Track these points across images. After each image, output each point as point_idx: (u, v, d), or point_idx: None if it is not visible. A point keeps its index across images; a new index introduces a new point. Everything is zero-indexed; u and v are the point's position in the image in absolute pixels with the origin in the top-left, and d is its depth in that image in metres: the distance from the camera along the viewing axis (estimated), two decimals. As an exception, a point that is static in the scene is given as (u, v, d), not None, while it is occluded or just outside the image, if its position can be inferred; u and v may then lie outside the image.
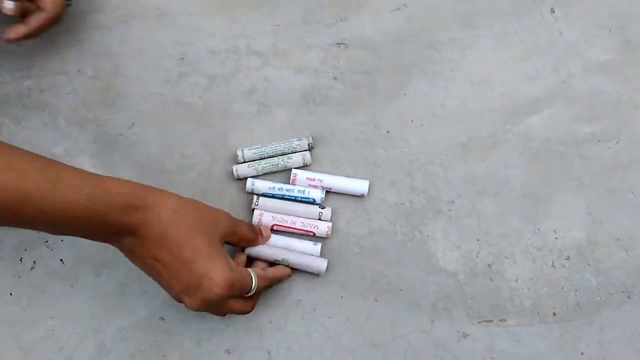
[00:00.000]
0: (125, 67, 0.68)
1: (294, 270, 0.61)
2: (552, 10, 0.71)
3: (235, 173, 0.64)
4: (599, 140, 0.67)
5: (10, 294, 0.61)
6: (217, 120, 0.67)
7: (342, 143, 0.66)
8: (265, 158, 0.64)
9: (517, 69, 0.69)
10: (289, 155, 0.64)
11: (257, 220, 0.62)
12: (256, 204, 0.62)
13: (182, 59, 0.69)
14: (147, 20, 0.70)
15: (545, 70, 0.69)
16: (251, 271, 0.55)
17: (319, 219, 0.62)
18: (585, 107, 0.68)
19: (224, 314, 0.57)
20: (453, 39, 0.70)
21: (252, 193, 0.63)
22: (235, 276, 0.53)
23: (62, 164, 0.50)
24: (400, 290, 0.62)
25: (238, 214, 0.64)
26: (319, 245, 0.61)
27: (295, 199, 0.63)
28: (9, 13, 0.61)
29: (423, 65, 0.69)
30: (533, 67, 0.69)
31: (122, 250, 0.53)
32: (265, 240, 0.60)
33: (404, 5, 0.71)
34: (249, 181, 0.63)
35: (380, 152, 0.66)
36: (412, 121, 0.67)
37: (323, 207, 0.62)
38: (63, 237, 0.62)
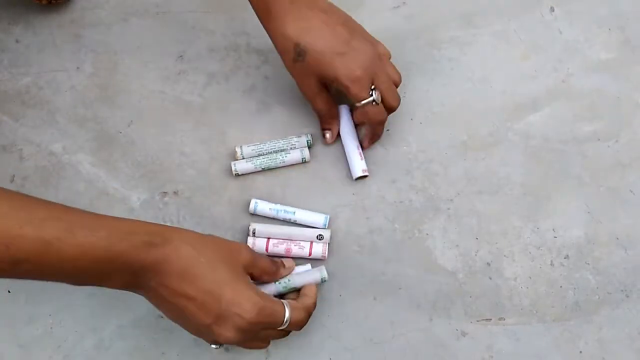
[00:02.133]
0: (124, 64, 0.68)
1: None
2: (552, 9, 0.71)
3: (233, 169, 0.63)
4: (599, 139, 0.67)
5: (9, 291, 0.61)
6: (216, 118, 0.66)
7: (341, 141, 0.66)
8: (264, 154, 0.64)
9: (517, 68, 0.69)
10: (287, 150, 0.64)
11: (250, 244, 0.62)
12: (253, 231, 0.62)
13: (181, 56, 0.68)
14: (147, 18, 0.70)
15: (545, 68, 0.69)
16: (283, 301, 0.54)
17: (318, 239, 0.62)
18: (585, 105, 0.68)
19: (265, 344, 0.56)
20: (453, 37, 0.70)
21: (254, 214, 0.63)
22: (265, 303, 0.52)
23: (77, 209, 0.49)
24: (400, 288, 0.62)
25: (236, 211, 0.63)
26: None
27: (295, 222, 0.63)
28: None
29: (423, 63, 0.69)
30: (533, 66, 0.69)
31: (147, 295, 0.52)
32: (288, 271, 0.59)
33: (404, 3, 0.71)
34: (252, 202, 0.63)
35: (379, 150, 0.66)
36: (411, 119, 0.67)
37: (322, 237, 0.62)
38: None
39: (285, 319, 0.53)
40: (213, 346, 0.55)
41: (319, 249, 0.61)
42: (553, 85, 0.68)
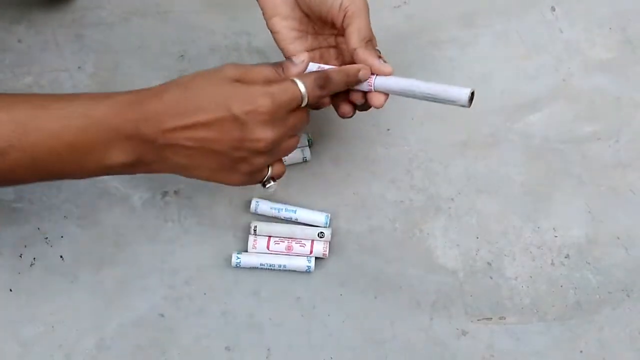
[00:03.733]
0: (125, 64, 0.68)
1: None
2: (553, 9, 0.71)
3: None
4: (599, 139, 0.67)
5: (10, 290, 0.61)
6: (217, 118, 0.66)
7: (341, 140, 0.66)
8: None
9: (518, 68, 0.69)
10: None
11: (251, 245, 0.62)
12: (254, 229, 0.62)
13: (182, 56, 0.69)
14: (148, 17, 0.70)
15: (545, 68, 0.69)
16: (291, 78, 0.50)
17: (319, 237, 0.62)
18: (585, 105, 0.68)
19: (293, 134, 0.51)
20: (453, 37, 0.70)
21: (255, 213, 0.63)
22: (273, 86, 0.48)
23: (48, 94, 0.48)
24: (400, 287, 0.62)
25: (236, 211, 0.64)
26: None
27: (296, 222, 0.63)
28: None
29: (423, 63, 0.69)
30: (533, 66, 0.69)
31: (163, 158, 0.48)
32: (298, 69, 0.52)
33: (405, 2, 0.71)
34: (253, 201, 0.63)
35: (380, 150, 0.66)
36: (412, 119, 0.67)
37: (322, 235, 0.62)
38: (63, 233, 0.62)
39: (302, 91, 0.49)
40: (267, 185, 0.53)
41: (319, 248, 0.61)
42: (553, 85, 0.68)
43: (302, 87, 0.49)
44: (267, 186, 0.53)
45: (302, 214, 0.63)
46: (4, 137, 0.44)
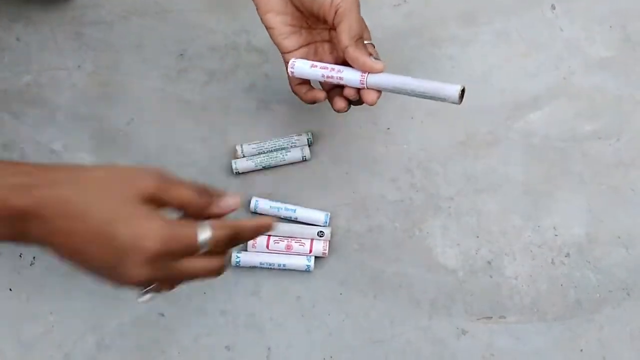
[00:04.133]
0: (124, 62, 0.68)
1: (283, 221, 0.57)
2: (553, 7, 0.71)
3: (234, 167, 0.63)
4: (600, 137, 0.67)
5: (10, 289, 0.61)
6: (216, 117, 0.66)
7: (341, 140, 0.66)
8: (264, 153, 0.64)
9: (518, 66, 0.69)
10: (288, 148, 0.64)
11: (251, 244, 0.61)
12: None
13: (181, 54, 0.68)
14: (147, 16, 0.70)
15: (545, 67, 0.69)
16: (200, 222, 0.45)
17: (319, 236, 0.62)
18: (585, 104, 0.68)
19: (179, 279, 0.47)
20: (453, 35, 0.70)
21: (254, 212, 0.63)
22: (172, 228, 0.43)
23: None
24: (400, 287, 0.62)
25: (237, 212, 0.63)
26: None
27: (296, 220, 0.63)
28: None
29: (423, 62, 0.69)
30: (533, 64, 0.69)
31: (42, 246, 0.45)
32: (226, 206, 0.48)
33: (405, 1, 0.71)
34: (253, 200, 0.63)
35: (379, 149, 0.66)
36: (412, 118, 0.67)
37: (322, 234, 0.62)
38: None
39: (200, 240, 0.44)
40: (139, 299, 0.47)
41: (319, 247, 0.61)
42: (554, 83, 0.68)
43: (203, 235, 0.45)
44: (141, 296, 0.47)
45: (302, 213, 0.62)
46: None
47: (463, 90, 0.53)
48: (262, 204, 0.62)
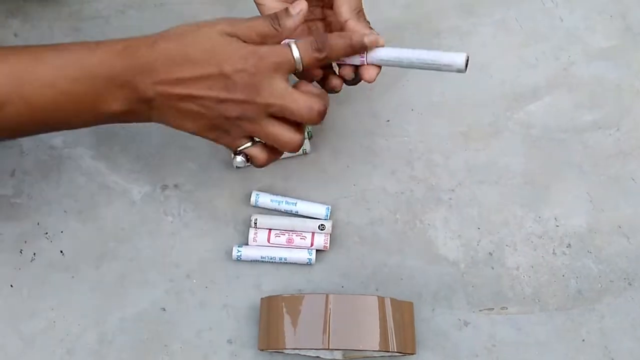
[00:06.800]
0: (123, 57, 0.68)
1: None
2: (553, -3, 0.71)
3: (234, 162, 0.63)
4: (600, 128, 0.67)
5: (11, 285, 0.61)
6: (216, 110, 0.66)
7: (341, 132, 0.66)
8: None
9: (518, 56, 0.69)
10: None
11: (252, 238, 0.61)
12: (255, 222, 0.62)
13: (180, 48, 0.68)
14: (145, 10, 0.69)
15: (545, 57, 0.69)
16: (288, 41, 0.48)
17: (320, 229, 0.62)
18: (586, 94, 0.68)
19: (265, 135, 0.49)
20: (453, 26, 0.69)
21: (255, 206, 0.63)
22: (262, 47, 0.47)
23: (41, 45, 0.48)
24: (401, 279, 0.62)
25: (237, 206, 0.63)
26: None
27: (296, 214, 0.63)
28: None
29: (423, 53, 0.68)
30: (533, 54, 0.69)
31: (154, 106, 0.48)
32: (296, 18, 0.50)
33: (403, -8, 0.71)
34: (253, 194, 0.63)
35: (379, 141, 0.66)
36: (411, 110, 0.67)
37: (323, 227, 0.61)
38: (63, 228, 0.62)
39: (295, 56, 0.48)
40: (235, 161, 0.52)
41: (320, 240, 0.61)
42: (554, 73, 0.68)
43: (296, 51, 0.48)
44: (235, 157, 0.52)
45: (303, 207, 0.62)
46: (0, 90, 0.45)
47: (468, 58, 0.52)
48: (263, 198, 0.62)
